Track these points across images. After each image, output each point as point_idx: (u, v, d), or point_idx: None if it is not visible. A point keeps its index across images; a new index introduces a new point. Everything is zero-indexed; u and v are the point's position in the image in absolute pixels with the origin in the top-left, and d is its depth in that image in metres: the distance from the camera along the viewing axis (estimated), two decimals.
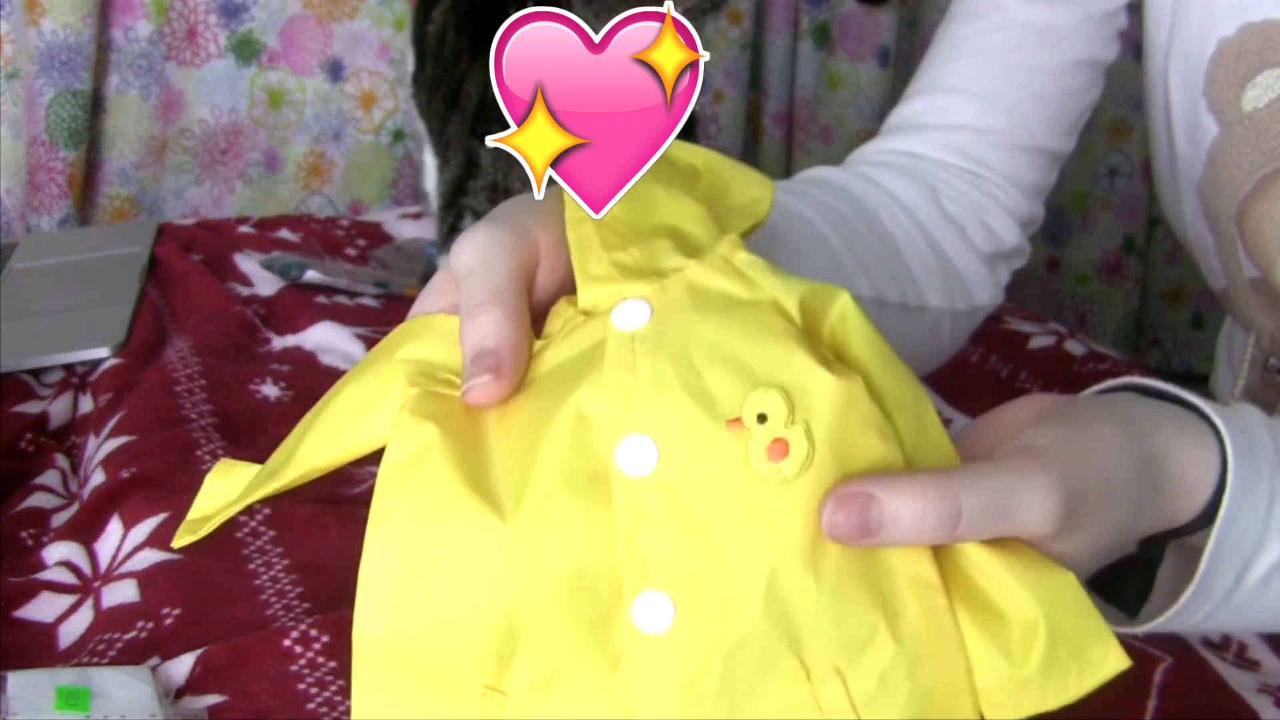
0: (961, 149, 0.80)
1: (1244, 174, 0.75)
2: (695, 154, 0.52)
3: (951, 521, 0.40)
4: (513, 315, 0.45)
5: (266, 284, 1.16)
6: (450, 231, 0.95)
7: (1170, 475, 0.48)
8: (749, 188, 0.51)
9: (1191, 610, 0.50)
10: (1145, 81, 0.82)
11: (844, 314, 0.43)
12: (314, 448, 0.47)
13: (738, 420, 0.40)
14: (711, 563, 0.40)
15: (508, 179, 0.90)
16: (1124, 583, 0.52)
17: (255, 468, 0.49)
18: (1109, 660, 0.41)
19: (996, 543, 0.42)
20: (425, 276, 1.17)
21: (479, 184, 0.92)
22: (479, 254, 0.47)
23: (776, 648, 0.40)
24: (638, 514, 0.40)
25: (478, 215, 0.92)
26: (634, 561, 0.40)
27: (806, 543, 0.40)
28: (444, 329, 0.47)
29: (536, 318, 0.47)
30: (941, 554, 0.42)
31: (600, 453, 0.41)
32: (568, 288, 0.48)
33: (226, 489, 0.49)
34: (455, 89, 0.95)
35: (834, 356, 0.42)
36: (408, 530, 0.42)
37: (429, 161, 1.08)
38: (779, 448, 0.40)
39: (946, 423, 0.99)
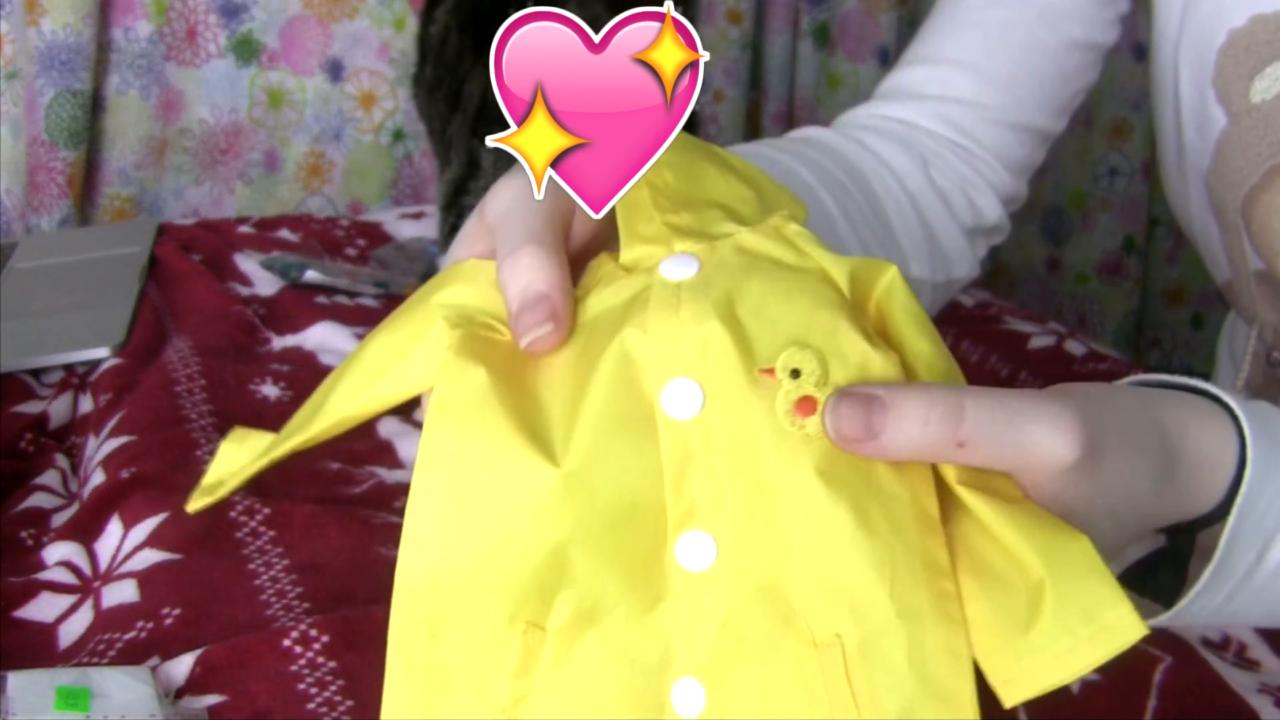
0: (954, 122, 0.80)
1: (1251, 165, 0.75)
2: (745, 164, 0.52)
3: (954, 422, 0.39)
4: (555, 256, 0.44)
5: (266, 284, 1.16)
6: (451, 231, 0.95)
7: (1189, 451, 0.46)
8: (788, 204, 0.51)
9: (1213, 591, 0.48)
10: (1153, 71, 0.82)
11: (890, 287, 0.43)
12: (346, 396, 0.46)
13: (770, 370, 0.41)
14: (752, 507, 0.40)
15: None
16: (1157, 578, 0.50)
17: (270, 436, 0.49)
18: (1125, 626, 0.38)
19: (1006, 503, 0.40)
20: (425, 276, 1.17)
21: (480, 184, 0.92)
22: (516, 198, 0.46)
23: (797, 600, 0.40)
24: (684, 456, 0.41)
25: None
26: (680, 501, 0.41)
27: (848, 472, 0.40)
28: (478, 273, 0.46)
29: (571, 269, 0.46)
30: (950, 520, 0.41)
31: (646, 394, 0.41)
32: (601, 245, 0.48)
33: (242, 455, 0.49)
34: (457, 90, 0.96)
35: (877, 331, 0.42)
36: (457, 471, 0.42)
37: None
38: (807, 405, 0.40)
39: None
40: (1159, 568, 0.50)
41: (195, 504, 0.48)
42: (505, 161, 0.89)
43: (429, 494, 0.42)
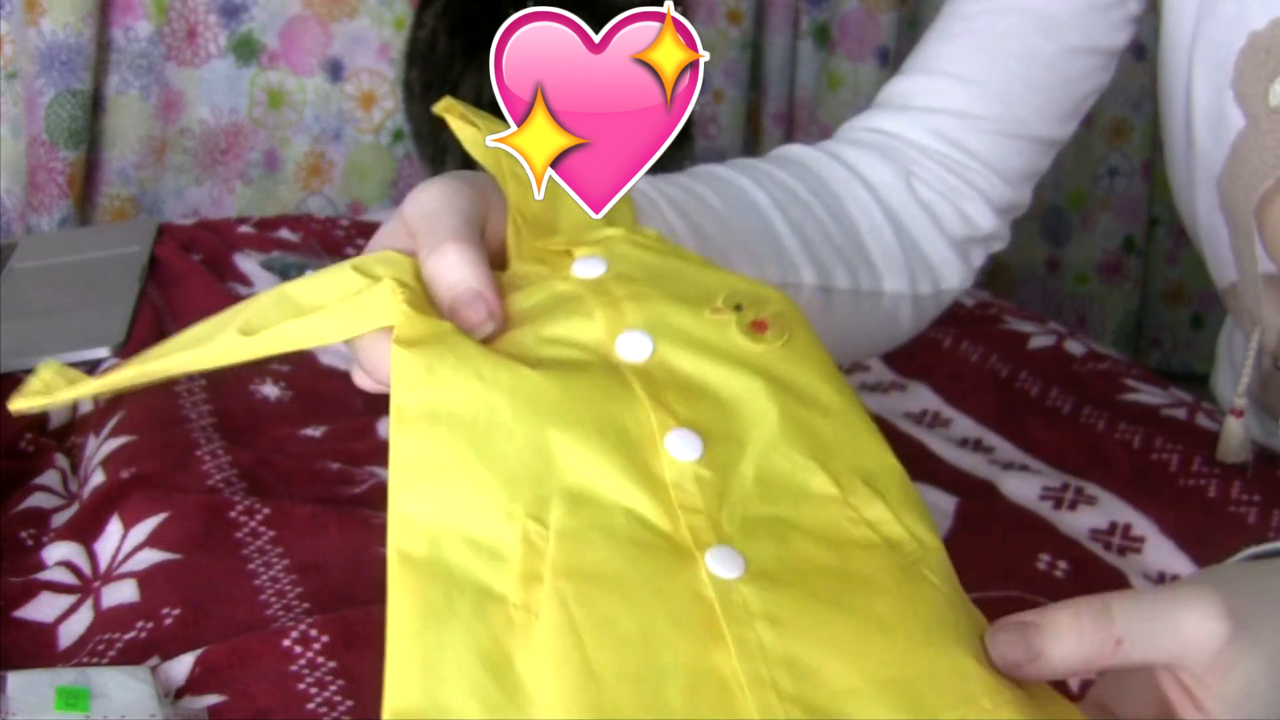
0: (943, 133, 0.80)
1: (1267, 168, 0.75)
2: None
3: (1106, 622, 0.43)
4: (480, 254, 0.47)
5: (266, 284, 1.16)
6: None
7: None
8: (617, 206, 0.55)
9: None
10: (1162, 74, 0.82)
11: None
12: (258, 322, 0.46)
13: (719, 309, 0.47)
14: (728, 408, 0.45)
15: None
16: None
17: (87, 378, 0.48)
18: None
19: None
20: None
21: None
22: (437, 199, 0.48)
23: (804, 464, 0.45)
24: (652, 381, 0.45)
25: None
26: (660, 409, 0.45)
27: (804, 391, 0.46)
28: (398, 263, 0.48)
29: None
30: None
31: (603, 354, 0.46)
32: (503, 251, 0.51)
33: (60, 379, 0.48)
34: (450, 93, 0.95)
35: None
36: (433, 385, 0.43)
37: None
38: (759, 325, 0.47)
39: (947, 422, 0.99)
40: None
41: (18, 404, 0.47)
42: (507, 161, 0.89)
43: (408, 419, 0.43)
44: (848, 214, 0.76)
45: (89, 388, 0.47)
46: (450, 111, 0.52)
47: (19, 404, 0.47)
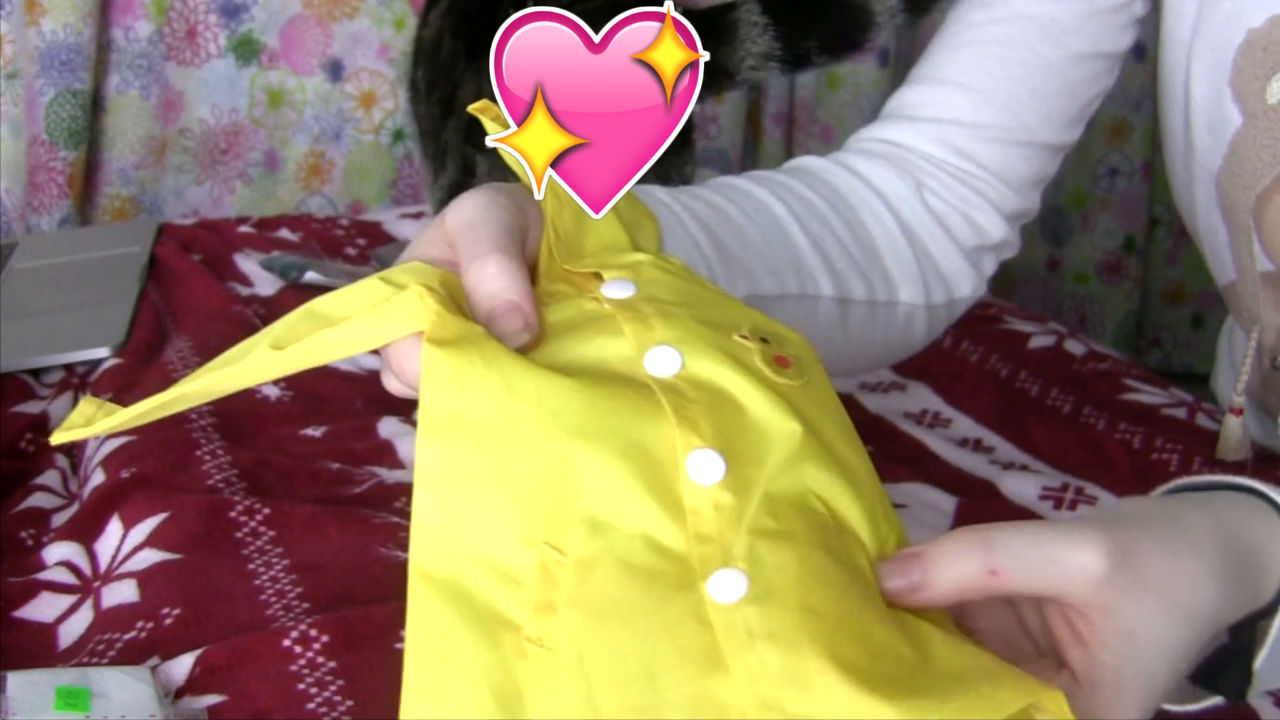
0: (951, 143, 0.80)
1: (1265, 166, 0.75)
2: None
3: (984, 553, 0.45)
4: (520, 265, 0.47)
5: (266, 284, 1.16)
6: None
7: (1245, 547, 0.49)
8: (641, 218, 0.57)
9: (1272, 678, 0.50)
10: (1161, 72, 0.82)
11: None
12: (289, 336, 0.46)
13: (746, 336, 0.48)
14: (753, 425, 0.45)
15: None
16: (1226, 675, 0.51)
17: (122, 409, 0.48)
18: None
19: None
20: None
21: None
22: (479, 209, 0.49)
23: (825, 480, 0.46)
24: (679, 396, 0.45)
25: None
26: (685, 427, 0.44)
27: (820, 434, 0.47)
28: (428, 275, 0.47)
29: None
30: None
31: (631, 369, 0.46)
32: (535, 271, 0.51)
33: (101, 413, 0.49)
34: (450, 95, 0.95)
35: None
36: (460, 396, 0.43)
37: None
38: (783, 361, 0.47)
39: (947, 422, 0.99)
40: (1227, 664, 0.51)
41: (59, 437, 0.47)
42: (500, 168, 0.88)
43: (435, 424, 0.43)
44: (864, 225, 0.77)
45: (127, 415, 0.48)
46: (486, 112, 0.51)
47: (59, 437, 0.47)
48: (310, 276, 1.15)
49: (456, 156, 0.94)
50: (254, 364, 0.46)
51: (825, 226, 0.74)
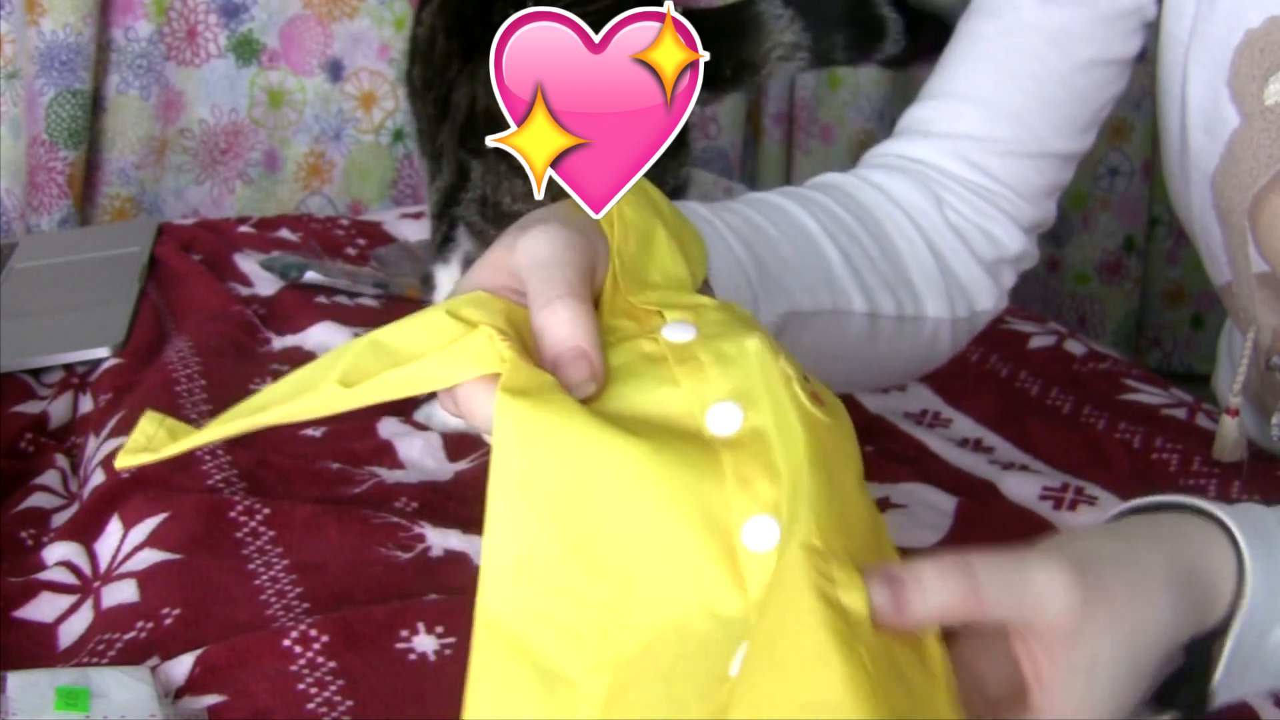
0: (966, 157, 0.80)
1: (1262, 166, 0.75)
2: (649, 187, 0.55)
3: (967, 577, 0.45)
4: (589, 312, 0.48)
5: (266, 284, 1.16)
6: (444, 241, 0.95)
7: (1196, 569, 0.50)
8: (688, 240, 0.57)
9: (1232, 675, 0.51)
10: (1159, 73, 0.82)
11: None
12: (358, 373, 0.47)
13: (790, 375, 0.47)
14: (797, 474, 0.45)
15: (496, 193, 0.90)
16: (1182, 692, 0.52)
17: (191, 429, 0.49)
18: None
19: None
20: (427, 278, 1.17)
21: (470, 195, 0.91)
22: (552, 248, 0.49)
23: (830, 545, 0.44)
24: (739, 453, 0.45)
25: (469, 226, 0.92)
26: (743, 490, 0.45)
27: (836, 475, 0.46)
28: (492, 307, 0.48)
29: None
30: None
31: (694, 425, 0.46)
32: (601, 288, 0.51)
33: (165, 430, 0.49)
34: (445, 96, 0.95)
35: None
36: (538, 452, 0.44)
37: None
38: (816, 398, 0.48)
39: (947, 422, 0.99)
40: (1182, 682, 0.52)
41: (124, 460, 0.48)
42: (493, 173, 0.88)
43: (507, 478, 0.43)
44: (890, 240, 0.78)
45: (193, 441, 0.48)
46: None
47: (123, 461, 0.48)
48: (310, 276, 1.14)
49: (452, 160, 0.94)
50: (323, 399, 0.47)
51: (855, 242, 0.75)
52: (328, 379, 0.47)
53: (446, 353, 0.46)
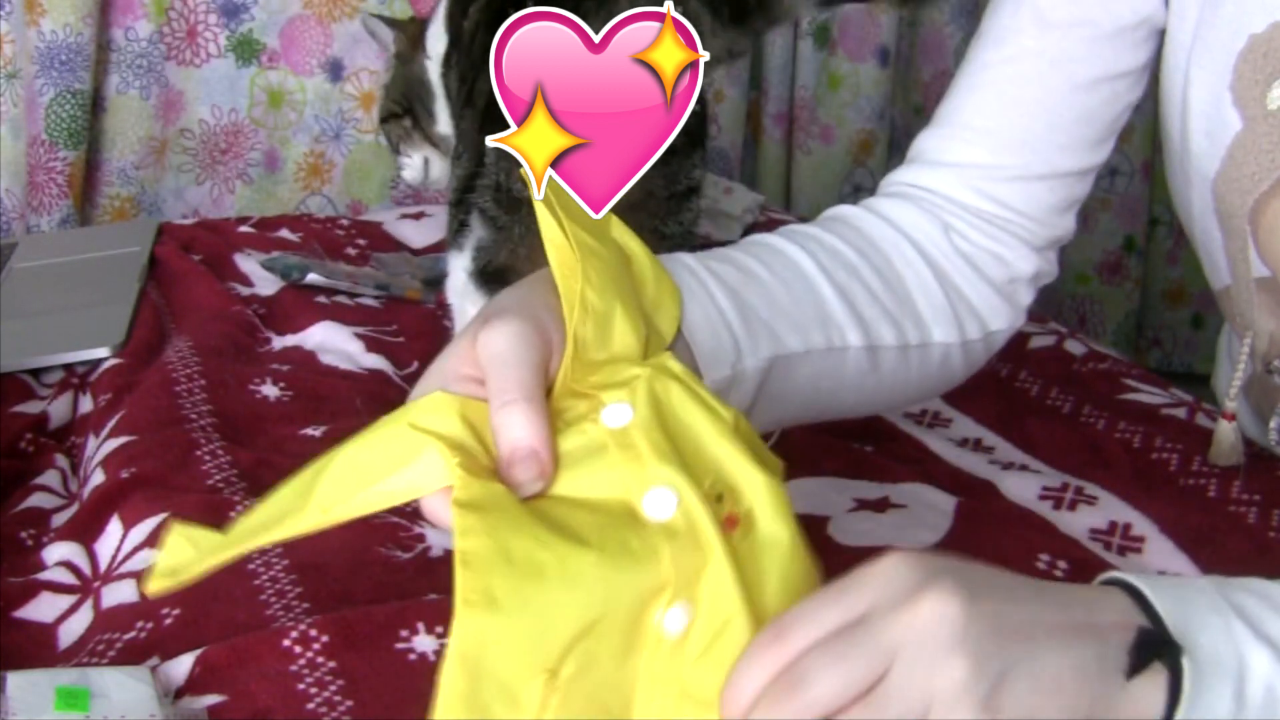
0: (974, 186, 0.81)
1: (1263, 171, 0.75)
2: (633, 242, 0.59)
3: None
4: (542, 412, 0.52)
5: (266, 284, 1.16)
6: (459, 228, 0.95)
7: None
8: (664, 298, 0.61)
9: None
10: (1161, 76, 0.82)
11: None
12: (331, 497, 0.51)
13: (707, 490, 0.52)
14: (716, 584, 0.50)
15: (509, 179, 0.90)
16: None
17: (214, 534, 0.53)
18: None
19: None
20: (430, 281, 1.17)
21: (484, 183, 0.92)
22: (510, 345, 0.53)
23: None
24: (675, 538, 0.50)
25: (483, 213, 0.92)
26: (677, 579, 0.50)
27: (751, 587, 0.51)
28: (459, 411, 0.52)
29: None
30: None
31: (630, 508, 0.51)
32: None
33: (202, 544, 0.53)
34: (469, 90, 0.96)
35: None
36: (497, 556, 0.48)
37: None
38: (731, 521, 0.52)
39: (946, 422, 0.99)
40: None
41: (156, 585, 0.51)
42: (506, 159, 0.88)
43: (472, 558, 0.47)
44: (895, 270, 0.79)
45: (215, 561, 0.52)
46: (549, 206, 0.53)
47: (155, 586, 0.52)
48: (312, 278, 1.14)
49: (471, 148, 0.95)
50: (307, 522, 0.51)
51: (854, 276, 0.77)
52: (308, 504, 0.51)
53: (406, 473, 0.51)
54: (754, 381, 0.69)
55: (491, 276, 0.91)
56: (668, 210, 0.92)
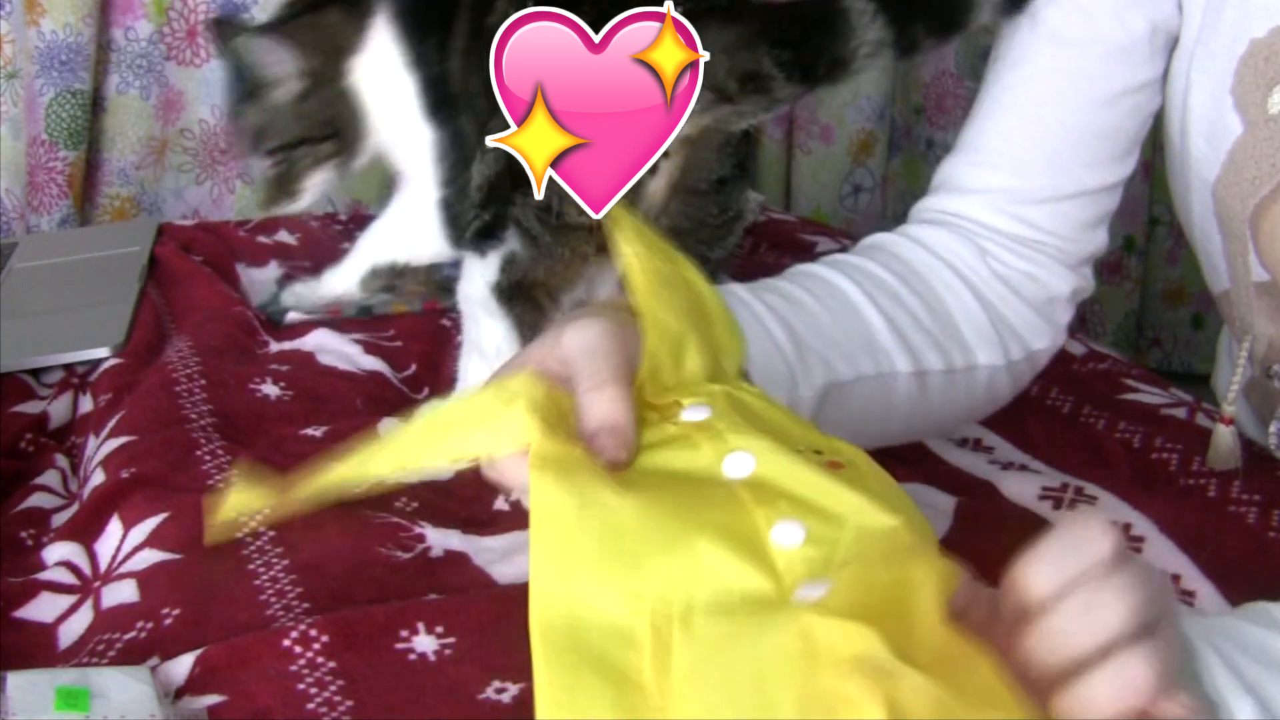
0: (1004, 210, 0.82)
1: (1264, 175, 0.75)
2: (701, 284, 0.61)
3: None
4: (629, 396, 0.54)
5: (263, 293, 1.16)
6: (485, 233, 0.92)
7: None
8: (729, 339, 0.63)
9: None
10: (1163, 80, 0.82)
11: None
12: (413, 445, 0.53)
13: (802, 450, 0.52)
14: (823, 505, 0.50)
15: (563, 203, 0.87)
16: None
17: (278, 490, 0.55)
18: None
19: None
20: (440, 286, 1.15)
21: (532, 200, 0.88)
22: (601, 339, 0.55)
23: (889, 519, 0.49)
24: (756, 489, 0.50)
25: (524, 230, 0.89)
26: (764, 508, 0.50)
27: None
28: (545, 390, 0.53)
29: None
30: None
31: (711, 474, 0.52)
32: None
33: (252, 498, 0.56)
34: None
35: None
36: (568, 499, 0.49)
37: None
38: (835, 464, 0.52)
39: None
40: None
41: (215, 536, 0.55)
42: (559, 184, 0.87)
43: (544, 532, 0.48)
44: (936, 296, 0.80)
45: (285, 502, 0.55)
46: (622, 225, 0.53)
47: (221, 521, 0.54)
48: (292, 317, 1.11)
49: (500, 152, 0.92)
50: (384, 464, 0.54)
51: (898, 304, 0.78)
52: (387, 451, 0.54)
53: (487, 429, 0.52)
54: (808, 410, 0.71)
55: (516, 291, 0.90)
56: (716, 236, 0.92)
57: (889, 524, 0.49)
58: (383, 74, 1.04)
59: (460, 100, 1.00)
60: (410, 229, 1.09)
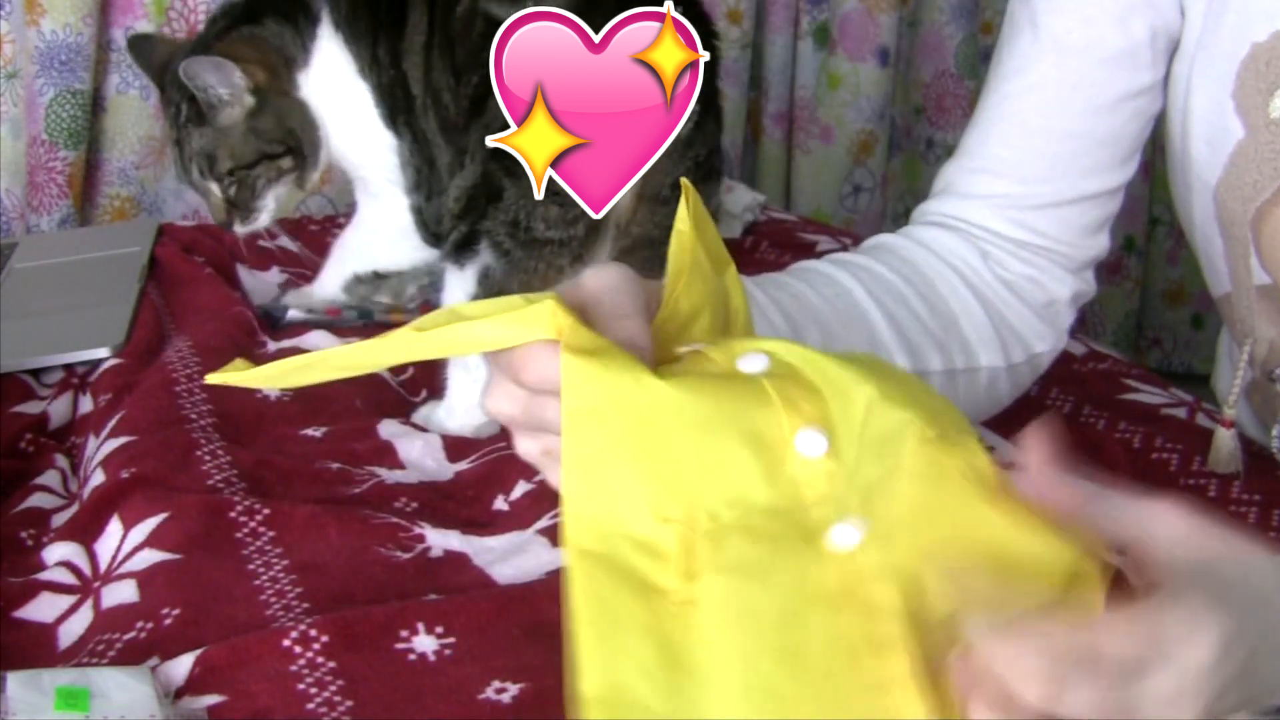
0: (1006, 216, 0.82)
1: (1266, 179, 0.75)
2: (738, 296, 0.59)
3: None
4: (648, 328, 0.53)
5: (263, 296, 1.16)
6: (463, 246, 0.92)
7: None
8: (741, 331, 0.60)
9: None
10: (1164, 83, 0.82)
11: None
12: (433, 337, 0.51)
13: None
14: (838, 390, 0.50)
15: (530, 218, 0.88)
16: None
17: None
18: None
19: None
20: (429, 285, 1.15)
21: (502, 217, 0.89)
22: (621, 281, 0.54)
23: (906, 416, 0.49)
24: (777, 380, 0.50)
25: (496, 245, 0.90)
26: (789, 410, 0.49)
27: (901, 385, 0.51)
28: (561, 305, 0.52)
29: None
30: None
31: (730, 369, 0.51)
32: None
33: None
34: (484, 96, 0.92)
35: None
36: (599, 401, 0.48)
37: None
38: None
39: None
40: None
41: (216, 377, 0.53)
42: (528, 198, 0.86)
43: (576, 419, 0.47)
44: (940, 297, 0.80)
45: (264, 373, 0.55)
46: (691, 199, 0.53)
47: (214, 378, 0.54)
48: (292, 315, 1.11)
49: (478, 162, 0.91)
50: (394, 340, 0.50)
51: (901, 303, 0.78)
52: (404, 329, 0.51)
53: (511, 315, 0.49)
54: None
55: None
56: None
57: (904, 417, 0.49)
58: (333, 84, 1.02)
59: (420, 102, 0.99)
60: (384, 238, 1.08)
